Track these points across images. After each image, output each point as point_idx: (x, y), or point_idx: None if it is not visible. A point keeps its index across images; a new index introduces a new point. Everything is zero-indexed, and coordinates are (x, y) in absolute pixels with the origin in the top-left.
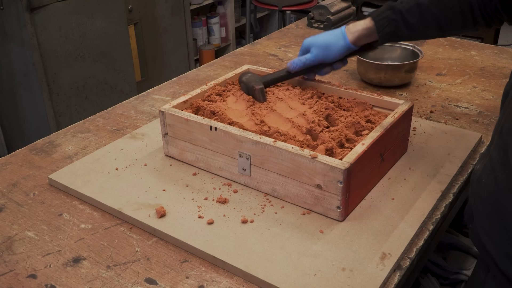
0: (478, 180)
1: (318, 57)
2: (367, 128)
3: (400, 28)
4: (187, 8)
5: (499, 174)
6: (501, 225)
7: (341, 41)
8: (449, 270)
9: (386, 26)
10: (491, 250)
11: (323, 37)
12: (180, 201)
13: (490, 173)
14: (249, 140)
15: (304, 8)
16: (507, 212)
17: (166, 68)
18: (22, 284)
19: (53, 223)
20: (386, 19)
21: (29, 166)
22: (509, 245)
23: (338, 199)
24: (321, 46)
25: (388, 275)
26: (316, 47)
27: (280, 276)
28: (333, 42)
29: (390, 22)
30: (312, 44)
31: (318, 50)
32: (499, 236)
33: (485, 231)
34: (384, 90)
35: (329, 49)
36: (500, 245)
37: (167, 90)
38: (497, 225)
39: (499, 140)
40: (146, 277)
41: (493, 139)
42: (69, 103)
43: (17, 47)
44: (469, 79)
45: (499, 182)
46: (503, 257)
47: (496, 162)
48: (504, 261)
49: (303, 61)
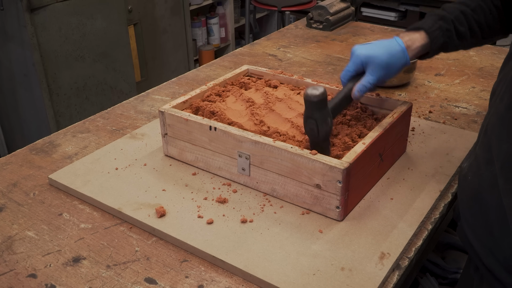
0: (464, 177)
1: (380, 78)
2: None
3: (452, 38)
4: (186, 8)
5: (484, 172)
6: (484, 221)
7: (402, 60)
8: (447, 269)
9: (441, 37)
10: (475, 245)
11: (383, 55)
12: (179, 201)
13: (476, 171)
14: (248, 140)
15: (303, 8)
16: (489, 208)
17: (166, 68)
18: (22, 284)
19: (53, 222)
20: (440, 30)
21: (29, 166)
22: (492, 241)
23: (337, 199)
24: (384, 67)
25: (387, 275)
26: (379, 68)
27: (279, 275)
28: (394, 61)
29: (444, 32)
30: (372, 61)
31: (380, 71)
32: (482, 232)
33: (470, 226)
34: (383, 90)
35: (390, 69)
36: (483, 240)
37: (166, 90)
38: (480, 221)
39: (484, 139)
40: (146, 277)
41: (479, 137)
42: (69, 103)
43: (17, 47)
44: (467, 79)
45: (483, 180)
46: (486, 251)
47: (481, 160)
48: (488, 256)
49: (367, 87)
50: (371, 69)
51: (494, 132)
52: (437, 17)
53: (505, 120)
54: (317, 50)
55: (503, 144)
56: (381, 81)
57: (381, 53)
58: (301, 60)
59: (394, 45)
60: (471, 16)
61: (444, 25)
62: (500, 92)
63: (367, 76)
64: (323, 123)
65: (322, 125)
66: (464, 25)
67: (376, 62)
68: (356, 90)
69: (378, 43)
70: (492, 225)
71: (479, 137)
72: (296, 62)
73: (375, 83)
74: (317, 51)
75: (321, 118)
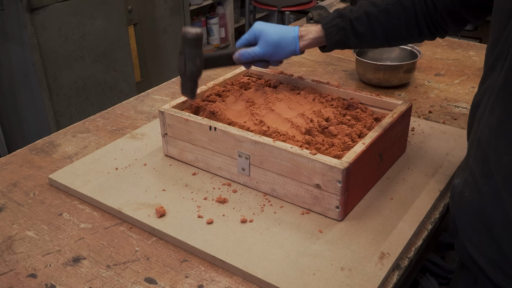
0: (460, 194)
1: (266, 54)
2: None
3: (348, 37)
4: (186, 8)
5: (483, 187)
6: (490, 236)
7: (291, 46)
8: (447, 269)
9: (335, 34)
10: (480, 262)
11: (275, 35)
12: (179, 201)
13: (473, 186)
14: (248, 140)
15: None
16: (495, 222)
17: (166, 68)
18: (22, 284)
19: (53, 222)
20: (335, 27)
21: (29, 166)
22: (499, 256)
23: (337, 199)
24: (272, 44)
25: (387, 275)
26: (267, 44)
27: (279, 275)
28: (284, 44)
29: (339, 30)
30: (263, 37)
31: (268, 48)
32: (488, 248)
33: (473, 243)
34: (382, 90)
35: (279, 50)
36: (490, 256)
37: (166, 90)
38: (485, 237)
39: (477, 152)
40: (145, 277)
41: (470, 151)
42: (69, 103)
43: (17, 47)
44: (467, 80)
45: (483, 195)
46: (494, 268)
47: (477, 174)
48: (496, 272)
49: (252, 55)
50: (261, 43)
51: (490, 145)
52: (337, 15)
53: (500, 132)
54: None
55: (503, 156)
56: (267, 57)
57: (273, 32)
58: (301, 60)
59: (289, 30)
60: (375, 18)
61: (340, 23)
62: (488, 104)
63: (255, 47)
64: (191, 61)
65: (190, 63)
66: (364, 26)
67: (265, 38)
68: (239, 52)
69: (277, 25)
70: (500, 240)
71: (470, 150)
72: (295, 62)
73: (260, 56)
74: (316, 51)
75: (190, 56)
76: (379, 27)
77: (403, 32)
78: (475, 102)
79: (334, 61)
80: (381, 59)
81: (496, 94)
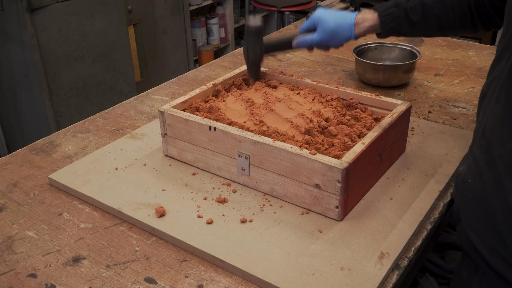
0: (463, 181)
1: (323, 41)
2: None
3: (402, 25)
4: (186, 8)
5: (485, 174)
6: (490, 223)
7: (347, 32)
8: (447, 269)
9: (390, 22)
10: (481, 249)
11: (332, 22)
12: (179, 201)
13: (476, 173)
14: (248, 140)
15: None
16: (495, 210)
17: (166, 68)
18: (22, 284)
19: (53, 222)
20: (390, 16)
21: (29, 166)
22: (499, 243)
23: (336, 199)
24: (329, 32)
25: (387, 275)
26: (324, 31)
27: (279, 275)
28: (340, 31)
29: (394, 18)
30: (321, 24)
31: (324, 35)
32: (489, 235)
33: (474, 230)
34: (382, 90)
35: (335, 37)
36: (490, 243)
37: (166, 91)
38: (486, 224)
39: (482, 140)
40: (145, 277)
41: (475, 139)
42: (69, 103)
43: (18, 47)
44: (467, 80)
45: (485, 181)
46: (494, 255)
47: (480, 162)
48: (495, 259)
49: (309, 42)
50: (319, 30)
51: (494, 133)
52: (393, 4)
53: (505, 119)
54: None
55: (507, 143)
56: (324, 43)
57: (331, 20)
58: (301, 60)
59: (346, 17)
60: (430, 8)
61: (396, 12)
62: (494, 93)
63: (313, 34)
64: (252, 50)
65: (251, 51)
66: (418, 15)
67: (323, 26)
68: (297, 39)
69: (336, 12)
70: (500, 227)
71: (475, 138)
72: (295, 62)
73: (317, 43)
74: (316, 51)
75: (252, 46)
76: (433, 17)
77: (456, 23)
78: (483, 93)
79: (334, 61)
80: (380, 59)
81: (502, 83)
